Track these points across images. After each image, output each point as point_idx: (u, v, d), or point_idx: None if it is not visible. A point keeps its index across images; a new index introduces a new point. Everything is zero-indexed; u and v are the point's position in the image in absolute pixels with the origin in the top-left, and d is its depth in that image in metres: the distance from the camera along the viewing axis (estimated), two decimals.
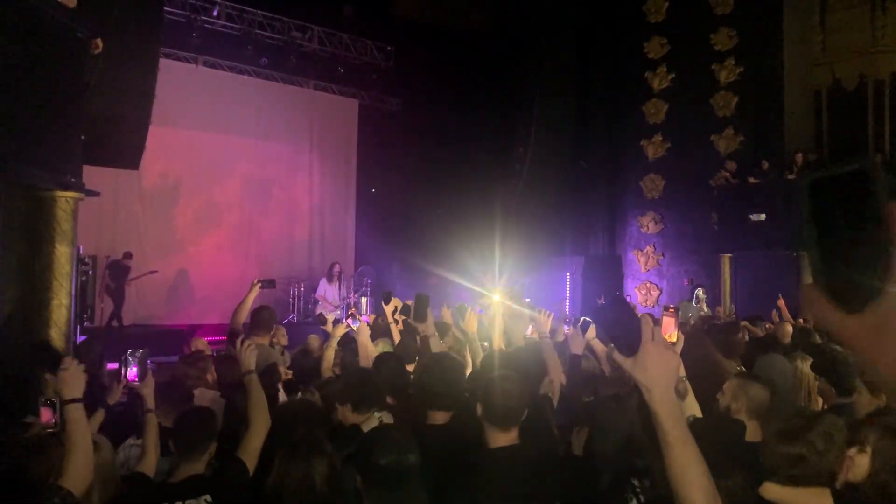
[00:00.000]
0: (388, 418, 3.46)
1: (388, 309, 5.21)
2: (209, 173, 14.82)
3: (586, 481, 3.02)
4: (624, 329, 1.56)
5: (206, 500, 2.88)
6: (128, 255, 12.75)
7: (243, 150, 15.28)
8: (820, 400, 4.05)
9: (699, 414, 3.09)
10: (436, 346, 4.32)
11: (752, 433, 3.11)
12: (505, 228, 16.30)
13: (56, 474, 2.42)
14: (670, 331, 2.32)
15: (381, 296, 5.56)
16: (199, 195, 14.74)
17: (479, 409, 2.74)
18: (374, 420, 3.36)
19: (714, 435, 2.86)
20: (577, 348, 4.29)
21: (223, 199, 15.08)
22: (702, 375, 3.61)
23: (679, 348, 2.84)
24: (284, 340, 6.42)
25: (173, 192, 14.42)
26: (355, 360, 4.64)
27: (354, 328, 4.57)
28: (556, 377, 3.89)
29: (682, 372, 3.09)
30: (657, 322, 2.18)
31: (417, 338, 4.59)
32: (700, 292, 11.51)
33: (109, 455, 2.82)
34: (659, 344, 1.52)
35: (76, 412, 2.58)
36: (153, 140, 9.58)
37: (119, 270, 12.58)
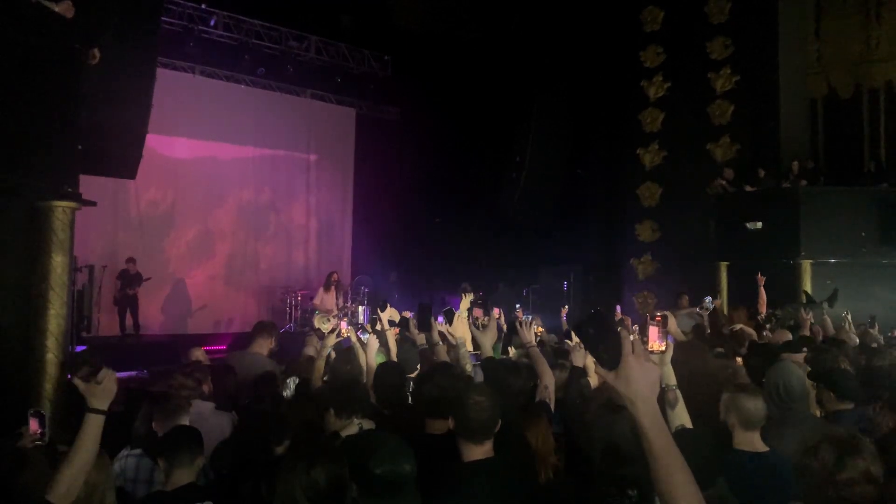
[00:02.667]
0: (368, 425, 3.47)
1: (384, 317, 5.20)
2: (204, 182, 14.81)
3: (569, 494, 3.01)
4: (605, 343, 1.58)
5: None
6: (131, 260, 12.70)
7: (239, 159, 15.29)
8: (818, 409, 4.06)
9: (689, 424, 3.07)
10: (441, 355, 4.32)
11: (748, 443, 3.09)
12: (502, 237, 16.32)
13: (46, 485, 2.38)
14: (655, 340, 2.31)
15: (378, 304, 5.56)
16: (194, 204, 14.72)
17: (452, 423, 2.71)
18: (353, 426, 3.35)
19: (700, 444, 2.85)
20: (580, 361, 4.29)
21: (217, 204, 15.07)
22: (699, 384, 3.60)
23: (668, 357, 2.83)
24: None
25: (168, 200, 14.39)
26: (345, 369, 4.64)
27: (363, 339, 4.57)
28: (550, 383, 3.89)
29: (674, 381, 3.07)
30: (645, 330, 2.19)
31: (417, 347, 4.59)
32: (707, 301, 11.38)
33: (107, 464, 2.81)
34: (640, 356, 1.55)
35: (93, 424, 2.46)
36: (151, 148, 9.59)
37: (131, 278, 12.56)
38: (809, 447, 2.30)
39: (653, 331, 2.38)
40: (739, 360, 4.98)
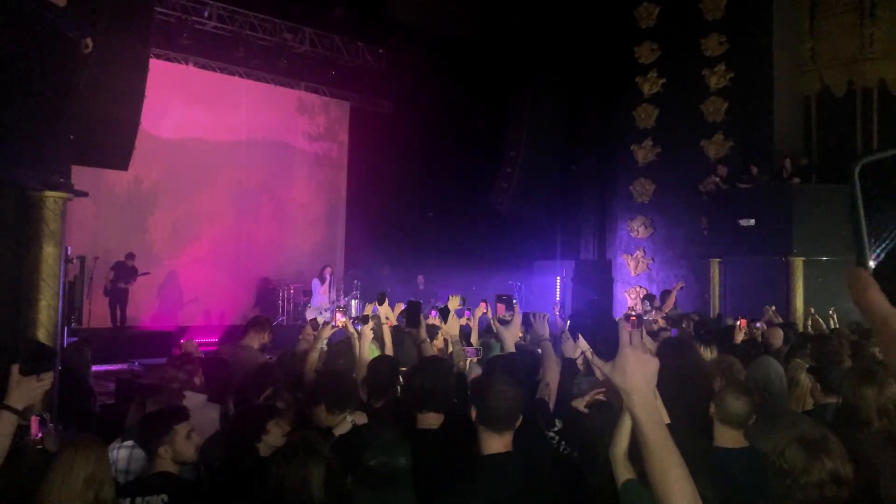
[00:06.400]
0: (361, 419, 3.46)
1: (382, 310, 5.17)
2: (198, 175, 14.75)
3: (579, 486, 3.00)
4: (602, 333, 1.56)
5: (162, 500, 2.90)
6: (131, 256, 12.67)
7: (233, 152, 15.23)
8: (811, 401, 4.11)
9: (667, 419, 3.08)
10: (429, 351, 4.32)
11: (727, 440, 3.11)
12: (496, 232, 16.31)
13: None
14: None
15: (376, 297, 5.51)
16: (187, 198, 14.65)
17: (474, 413, 2.66)
18: (346, 423, 3.35)
19: (680, 441, 2.86)
20: (571, 352, 4.29)
21: (212, 201, 15.01)
22: (684, 381, 3.60)
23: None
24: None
25: (161, 194, 14.32)
26: (338, 363, 4.63)
27: (357, 331, 4.56)
28: (553, 381, 3.88)
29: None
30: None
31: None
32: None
33: (105, 455, 2.80)
34: (637, 348, 1.53)
35: (7, 423, 2.50)
36: (142, 141, 9.54)
37: (125, 271, 12.52)
38: (779, 448, 2.30)
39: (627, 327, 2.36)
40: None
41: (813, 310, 8.95)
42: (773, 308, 8.54)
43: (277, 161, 16.05)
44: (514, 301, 5.70)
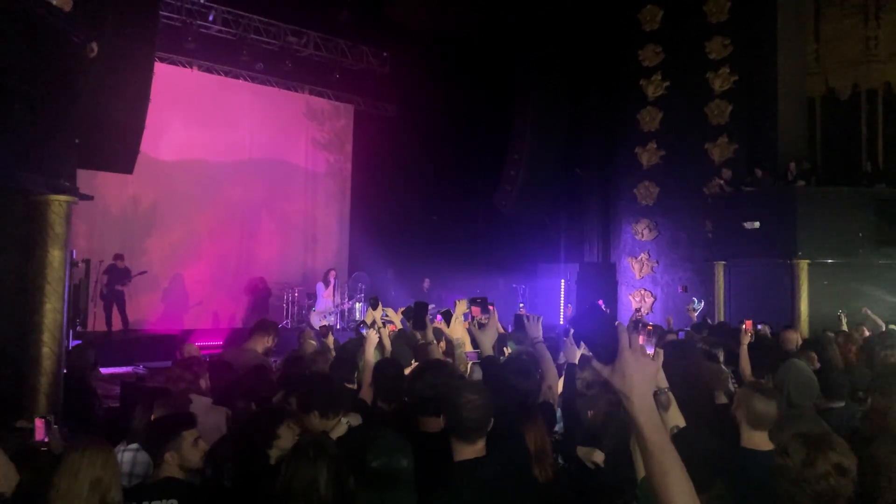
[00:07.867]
0: (355, 421, 3.46)
1: (377, 314, 5.18)
2: (200, 176, 14.76)
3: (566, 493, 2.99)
4: (602, 337, 1.57)
5: None
6: (119, 257, 12.62)
7: (236, 153, 15.25)
8: None
9: (683, 424, 3.07)
10: (436, 353, 4.32)
11: (755, 442, 3.11)
12: (500, 235, 16.33)
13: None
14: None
15: (369, 301, 5.52)
16: (189, 196, 14.66)
17: (444, 421, 2.64)
18: (342, 426, 3.34)
19: (698, 444, 2.85)
20: (573, 357, 4.28)
21: (214, 201, 15.02)
22: (690, 385, 3.60)
23: (659, 362, 2.80)
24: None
25: (164, 193, 14.32)
26: (344, 365, 4.63)
27: (363, 334, 4.56)
28: (554, 382, 3.87)
29: (665, 383, 3.06)
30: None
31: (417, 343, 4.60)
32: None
33: (112, 458, 2.80)
34: (636, 352, 1.54)
35: None
36: (146, 142, 9.56)
37: (118, 273, 12.48)
38: (781, 446, 2.31)
39: (641, 339, 2.37)
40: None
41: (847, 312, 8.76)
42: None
43: (281, 164, 16.07)
44: (494, 303, 5.67)
